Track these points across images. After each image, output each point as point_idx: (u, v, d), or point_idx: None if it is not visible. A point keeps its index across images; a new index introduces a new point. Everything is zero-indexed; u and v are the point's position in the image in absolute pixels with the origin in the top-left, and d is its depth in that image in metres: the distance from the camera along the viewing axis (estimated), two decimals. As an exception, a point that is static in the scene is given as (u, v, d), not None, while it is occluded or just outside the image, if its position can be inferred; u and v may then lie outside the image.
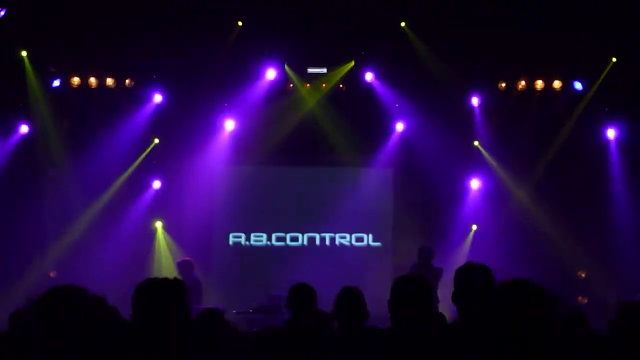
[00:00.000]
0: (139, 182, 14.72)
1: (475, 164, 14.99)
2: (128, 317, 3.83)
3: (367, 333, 5.02)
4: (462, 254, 14.36)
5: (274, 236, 15.09)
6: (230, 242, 15.08)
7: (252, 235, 15.13)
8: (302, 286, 5.91)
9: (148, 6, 13.20)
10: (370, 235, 15.08)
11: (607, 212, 14.32)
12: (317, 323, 5.72)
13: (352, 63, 14.38)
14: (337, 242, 15.02)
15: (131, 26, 12.97)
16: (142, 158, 14.71)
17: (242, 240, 15.13)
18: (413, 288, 4.09)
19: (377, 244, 14.90)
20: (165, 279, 3.80)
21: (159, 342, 3.53)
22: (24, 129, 14.02)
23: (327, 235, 15.12)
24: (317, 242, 15.06)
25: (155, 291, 3.69)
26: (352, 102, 14.75)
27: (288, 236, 15.09)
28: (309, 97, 14.76)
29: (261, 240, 15.10)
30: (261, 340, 5.74)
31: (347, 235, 15.06)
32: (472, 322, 3.92)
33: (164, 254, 14.52)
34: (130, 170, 14.62)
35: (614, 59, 13.89)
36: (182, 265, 11.98)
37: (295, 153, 14.95)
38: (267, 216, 15.17)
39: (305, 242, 15.05)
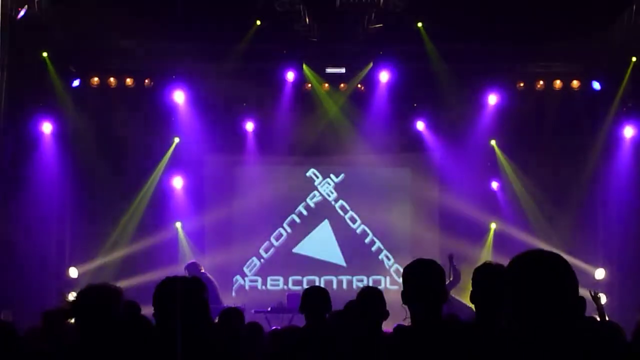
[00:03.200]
0: (160, 181, 14.82)
1: (492, 163, 15.01)
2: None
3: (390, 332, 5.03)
4: (484, 253, 14.38)
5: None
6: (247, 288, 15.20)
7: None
8: (315, 289, 5.93)
9: (167, 6, 13.25)
10: (388, 278, 15.01)
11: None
12: (333, 325, 5.74)
13: (371, 65, 14.39)
14: (354, 286, 14.87)
15: (150, 26, 13.01)
16: (167, 159, 14.81)
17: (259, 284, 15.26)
18: (423, 270, 4.02)
19: (394, 287, 14.54)
20: (184, 278, 3.87)
21: (180, 339, 3.59)
22: (48, 128, 14.09)
23: (344, 279, 15.13)
24: (334, 285, 14.98)
25: (174, 290, 3.75)
26: (369, 101, 14.76)
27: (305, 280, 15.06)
28: (327, 98, 14.80)
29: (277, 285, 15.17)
30: (281, 340, 5.79)
31: (365, 278, 14.98)
32: (490, 322, 3.93)
33: (188, 253, 14.62)
34: (158, 172, 14.72)
35: (634, 59, 13.80)
36: (190, 268, 12.39)
37: (314, 153, 15.02)
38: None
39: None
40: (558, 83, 14.28)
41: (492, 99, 14.63)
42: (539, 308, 2.73)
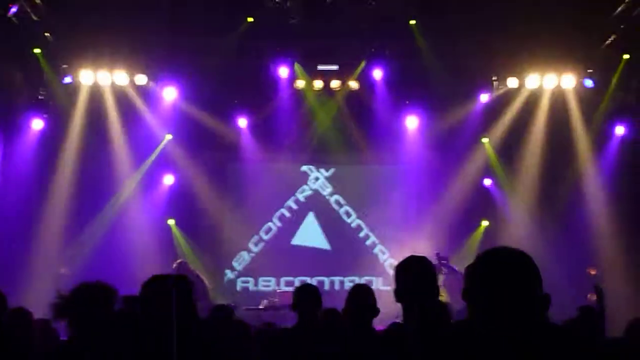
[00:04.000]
0: (151, 178, 14.79)
1: (484, 161, 15.04)
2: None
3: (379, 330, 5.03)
4: (473, 250, 14.39)
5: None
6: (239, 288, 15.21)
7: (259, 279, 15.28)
8: (307, 287, 5.94)
9: (159, 3, 13.21)
10: (380, 279, 14.96)
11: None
12: (325, 322, 5.75)
13: (363, 63, 14.36)
14: (345, 286, 14.85)
15: (143, 23, 12.97)
16: (156, 154, 14.79)
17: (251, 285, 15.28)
18: (414, 267, 4.00)
19: (387, 287, 14.39)
20: (169, 276, 3.86)
21: (166, 335, 3.58)
22: (38, 124, 14.04)
23: (337, 279, 15.13)
24: (327, 286, 14.98)
25: (160, 287, 3.74)
26: (361, 98, 14.75)
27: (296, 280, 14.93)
28: (319, 95, 14.78)
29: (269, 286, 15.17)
30: (270, 339, 5.79)
31: (356, 279, 14.78)
32: (479, 320, 3.91)
33: (185, 250, 14.62)
34: (145, 167, 14.70)
35: (626, 56, 13.80)
36: (179, 268, 12.37)
37: (306, 150, 15.04)
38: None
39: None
40: (550, 80, 14.26)
41: (484, 97, 14.64)
42: (500, 305, 2.75)
